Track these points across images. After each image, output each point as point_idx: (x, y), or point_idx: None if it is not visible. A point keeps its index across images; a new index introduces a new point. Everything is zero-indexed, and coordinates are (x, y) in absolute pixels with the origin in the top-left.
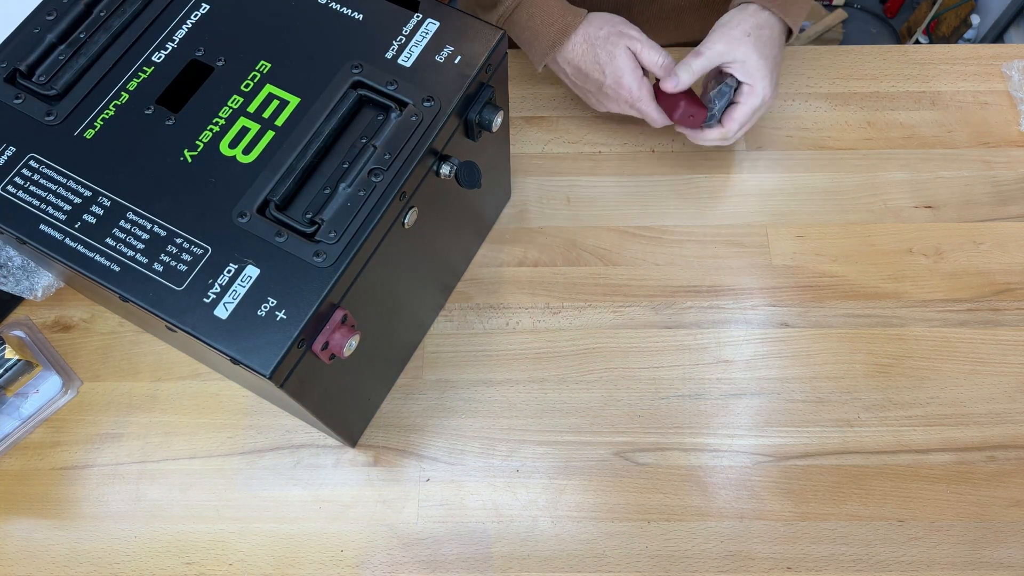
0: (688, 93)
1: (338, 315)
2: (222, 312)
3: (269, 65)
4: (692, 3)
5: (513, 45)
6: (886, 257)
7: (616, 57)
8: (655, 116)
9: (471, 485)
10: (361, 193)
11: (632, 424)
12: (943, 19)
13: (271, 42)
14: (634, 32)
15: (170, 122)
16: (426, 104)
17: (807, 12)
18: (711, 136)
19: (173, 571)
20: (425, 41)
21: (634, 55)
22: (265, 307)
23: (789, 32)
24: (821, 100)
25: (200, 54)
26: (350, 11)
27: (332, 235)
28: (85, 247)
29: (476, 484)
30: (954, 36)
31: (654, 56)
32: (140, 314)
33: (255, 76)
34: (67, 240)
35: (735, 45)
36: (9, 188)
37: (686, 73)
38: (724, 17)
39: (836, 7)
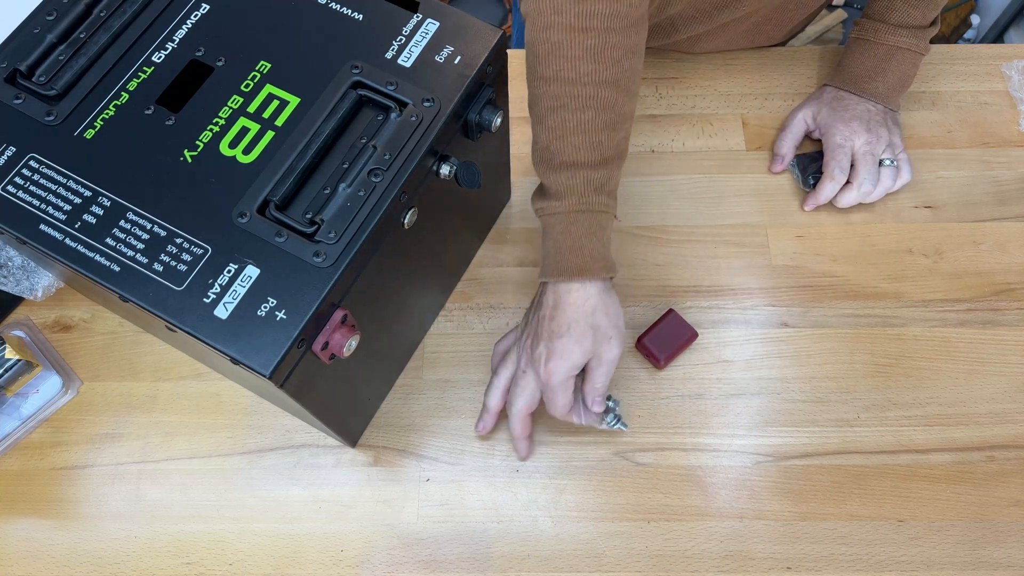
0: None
1: (338, 315)
2: (222, 312)
3: (269, 65)
4: (767, 16)
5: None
6: (886, 257)
7: (577, 347)
8: (558, 410)
9: (471, 485)
10: (361, 193)
11: (632, 424)
12: (943, 19)
13: (271, 42)
14: (610, 353)
15: (170, 122)
16: (426, 104)
17: (900, 89)
18: (850, 198)
19: (173, 571)
20: (425, 41)
21: (593, 358)
22: (265, 307)
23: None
24: None
25: (200, 54)
26: (350, 11)
27: (332, 235)
28: (85, 247)
29: (476, 484)
30: (954, 36)
31: (599, 379)
32: (140, 314)
33: (255, 76)
34: (67, 240)
35: (848, 139)
36: (9, 188)
37: (786, 144)
38: (830, 105)
39: (836, 7)
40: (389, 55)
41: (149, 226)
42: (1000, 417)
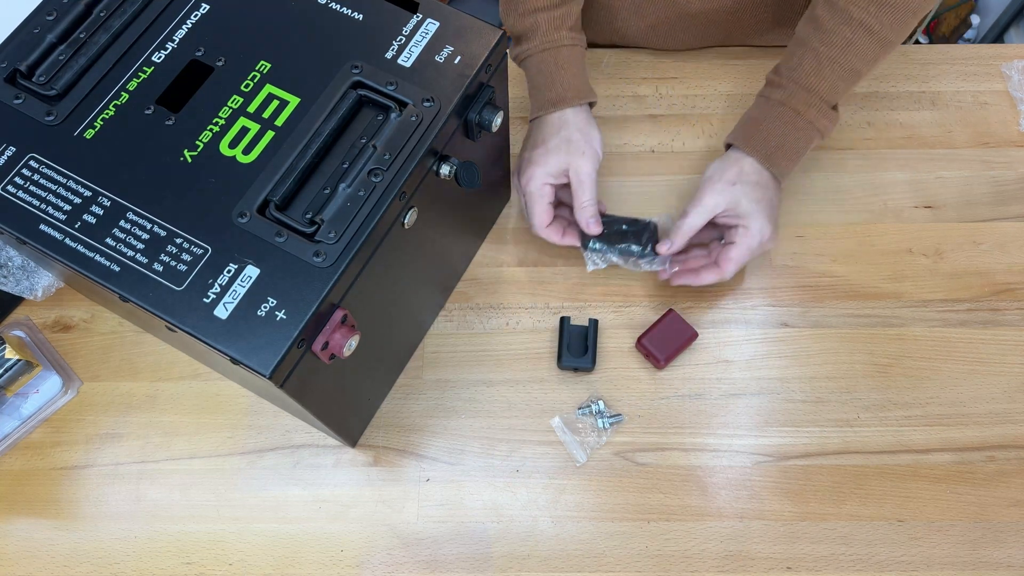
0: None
1: (338, 315)
2: (222, 312)
3: (269, 65)
4: (747, 4)
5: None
6: (886, 257)
7: (552, 156)
8: (536, 219)
9: (471, 485)
10: (361, 193)
11: (632, 424)
12: (943, 19)
13: (271, 42)
14: (586, 166)
15: (170, 122)
16: (426, 104)
17: (796, 164)
18: (707, 279)
19: (173, 571)
20: (425, 41)
21: (571, 172)
22: (265, 307)
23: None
24: None
25: (200, 54)
26: (350, 11)
27: (332, 235)
28: (85, 247)
29: (476, 484)
30: (954, 36)
31: (584, 195)
32: (140, 314)
33: (255, 76)
34: (67, 240)
35: (722, 196)
36: (9, 188)
37: (679, 236)
38: (708, 170)
39: None
40: (389, 55)
41: (149, 226)
42: (1000, 417)
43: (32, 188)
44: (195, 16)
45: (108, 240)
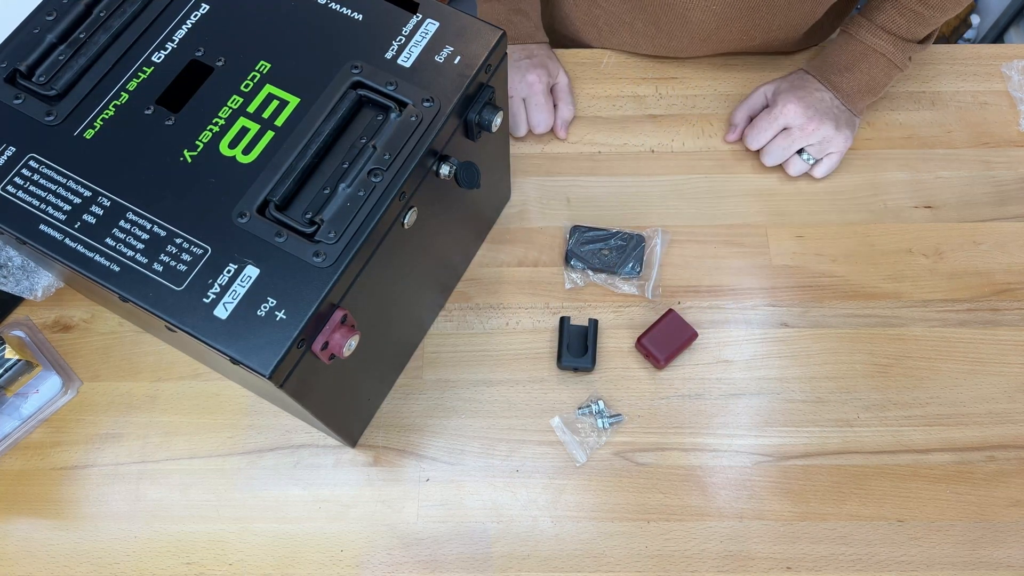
0: None
1: (338, 315)
2: (222, 312)
3: (269, 65)
4: (732, 12)
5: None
6: (886, 257)
7: (539, 68)
8: (545, 117)
9: (471, 485)
10: (361, 193)
11: (632, 424)
12: None
13: (271, 42)
14: (566, 77)
15: (170, 122)
16: (426, 104)
17: (867, 102)
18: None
19: (173, 571)
20: (425, 41)
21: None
22: (265, 307)
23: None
24: None
25: (200, 54)
26: (350, 11)
27: (332, 235)
28: (85, 247)
29: (476, 484)
30: (954, 36)
31: (565, 111)
32: (140, 314)
33: (255, 76)
34: (67, 240)
35: (780, 88)
36: (9, 188)
37: (740, 114)
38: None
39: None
40: (389, 55)
41: (149, 226)
42: (1000, 417)
43: (32, 188)
44: (195, 16)
45: (108, 240)
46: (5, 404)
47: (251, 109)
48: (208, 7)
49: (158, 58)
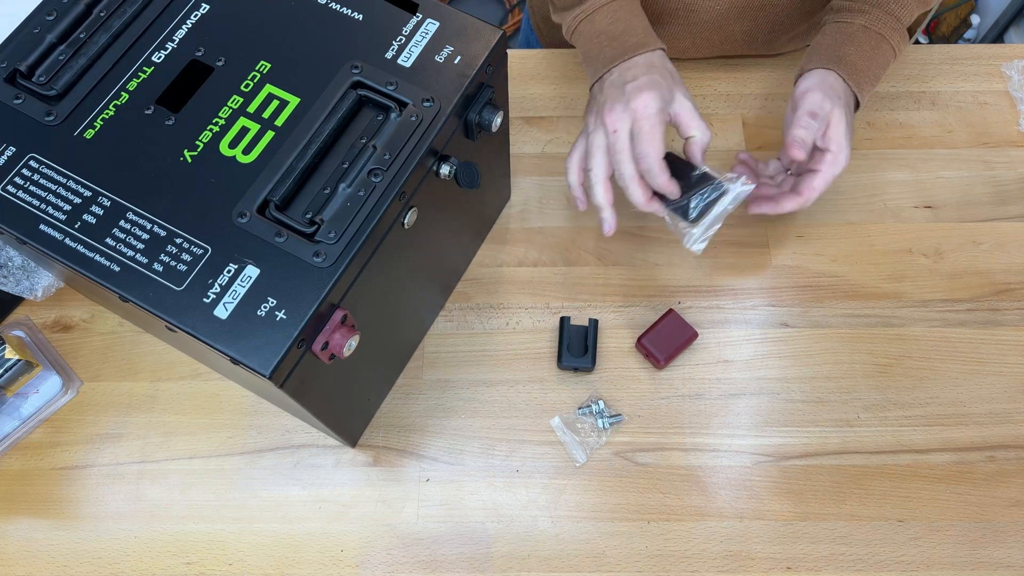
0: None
1: (338, 315)
2: (222, 312)
3: (269, 65)
4: (737, 9)
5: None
6: (886, 257)
7: (662, 81)
8: (653, 147)
9: (471, 485)
10: (361, 193)
11: (632, 424)
12: (943, 19)
13: (271, 42)
14: (686, 99)
15: (170, 122)
16: (426, 104)
17: (873, 87)
18: (788, 207)
19: (173, 571)
20: (425, 41)
21: (672, 112)
22: (265, 307)
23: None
24: None
25: (200, 54)
26: (350, 11)
27: (332, 235)
28: (85, 247)
29: (476, 484)
30: (954, 36)
31: (693, 123)
32: (140, 314)
33: (255, 76)
34: (67, 240)
35: (828, 101)
36: (9, 188)
37: (799, 148)
38: (810, 76)
39: None
40: (389, 55)
41: (149, 226)
42: (1000, 417)
43: (32, 188)
44: (195, 16)
45: (108, 240)
46: (5, 404)
47: (251, 109)
48: (208, 7)
49: (158, 58)
